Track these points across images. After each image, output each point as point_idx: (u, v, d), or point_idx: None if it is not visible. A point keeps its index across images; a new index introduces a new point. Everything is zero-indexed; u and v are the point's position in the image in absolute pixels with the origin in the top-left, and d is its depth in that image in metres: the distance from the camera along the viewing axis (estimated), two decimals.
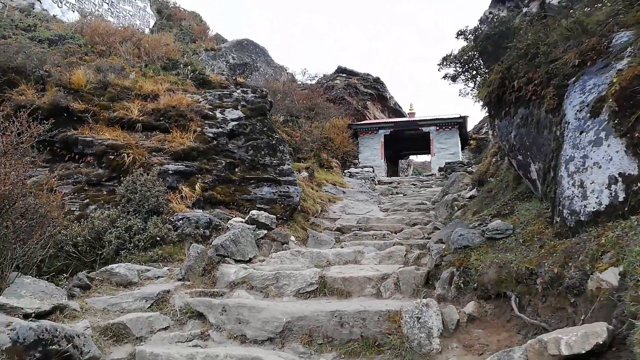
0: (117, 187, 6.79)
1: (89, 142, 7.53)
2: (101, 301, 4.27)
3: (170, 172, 7.42)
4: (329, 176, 14.70)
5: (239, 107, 9.67)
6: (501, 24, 5.76)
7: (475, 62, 6.31)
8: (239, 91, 10.44)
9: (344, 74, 27.74)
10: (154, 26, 24.29)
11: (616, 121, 3.33)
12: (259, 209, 7.37)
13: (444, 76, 6.79)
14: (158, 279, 5.14)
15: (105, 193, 6.99)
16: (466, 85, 6.75)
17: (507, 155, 5.67)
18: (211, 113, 9.18)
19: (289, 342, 3.62)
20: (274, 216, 7.14)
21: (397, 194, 14.59)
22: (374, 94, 27.34)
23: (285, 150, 9.31)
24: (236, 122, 9.10)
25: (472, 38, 6.27)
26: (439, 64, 6.74)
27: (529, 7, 6.74)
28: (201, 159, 7.99)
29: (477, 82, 6.48)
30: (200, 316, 4.16)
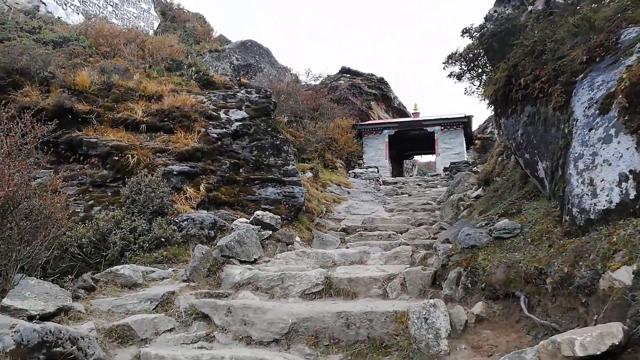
0: (121, 188, 6.78)
1: (93, 144, 7.53)
2: (106, 303, 4.25)
3: (175, 172, 7.41)
4: (334, 177, 14.65)
5: (243, 108, 9.65)
6: (507, 21, 5.71)
7: (481, 60, 6.26)
8: (242, 92, 10.42)
9: (348, 75, 27.70)
10: (158, 28, 24.38)
11: (626, 118, 3.28)
12: (264, 209, 7.33)
13: (449, 75, 6.74)
14: (163, 280, 5.11)
15: (109, 194, 6.98)
16: (472, 83, 6.69)
17: (514, 154, 5.61)
18: (215, 114, 9.16)
19: (294, 343, 3.59)
20: (279, 217, 7.11)
21: (402, 194, 14.52)
22: (378, 94, 27.28)
23: (290, 150, 9.28)
24: (240, 123, 9.08)
25: (478, 36, 6.21)
26: (444, 62, 6.69)
27: (534, 4, 6.69)
28: (205, 160, 7.98)
29: (483, 81, 6.42)
30: (206, 317, 4.13)
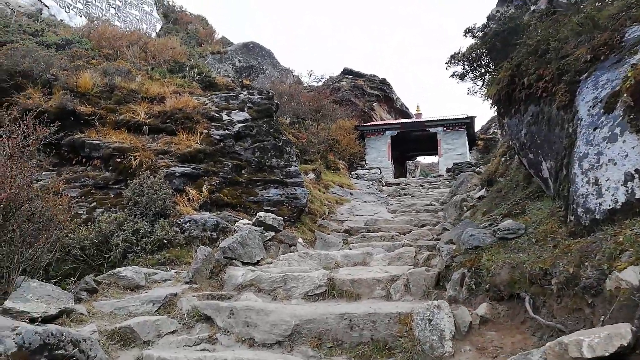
0: (124, 190, 6.78)
1: (95, 146, 7.54)
2: (108, 305, 4.24)
3: (177, 174, 7.40)
4: (336, 178, 14.63)
5: (245, 109, 9.64)
6: (510, 20, 5.68)
7: (484, 60, 6.22)
8: (245, 93, 10.41)
9: (350, 76, 27.69)
10: (160, 30, 24.45)
11: (632, 116, 3.25)
12: (266, 210, 7.32)
13: (452, 75, 6.71)
14: (165, 282, 5.10)
15: (112, 196, 6.98)
16: (475, 83, 6.65)
17: (517, 154, 5.58)
18: (217, 115, 9.16)
19: (297, 345, 3.56)
20: (281, 218, 7.09)
21: (405, 195, 14.48)
22: (380, 95, 27.26)
23: (292, 151, 9.26)
24: (242, 124, 9.07)
25: (481, 35, 6.18)
26: (447, 62, 6.66)
27: (536, 4, 6.65)
28: (208, 161, 7.97)
29: (486, 81, 6.38)
30: (208, 319, 4.11)
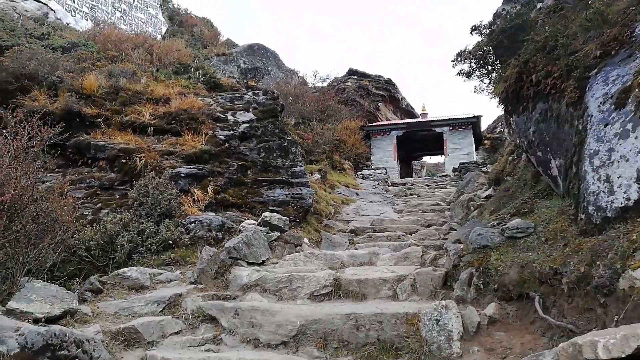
0: (129, 190, 6.78)
1: (101, 147, 7.54)
2: (113, 305, 4.22)
3: (182, 175, 7.39)
4: (342, 178, 14.58)
5: (250, 110, 9.62)
6: (517, 17, 5.60)
7: (491, 58, 6.14)
8: (250, 93, 10.39)
9: (355, 76, 27.64)
10: (165, 33, 24.52)
11: None
12: (272, 211, 7.29)
13: (458, 72, 6.63)
14: (170, 282, 5.08)
15: (117, 197, 6.98)
16: (481, 81, 6.57)
17: (526, 152, 5.50)
18: (222, 116, 9.14)
19: (303, 346, 3.52)
20: (287, 218, 7.06)
21: (411, 195, 14.39)
22: (385, 96, 27.17)
23: (297, 152, 9.22)
24: (248, 125, 9.05)
25: (487, 33, 6.10)
26: (453, 60, 6.57)
27: (543, 1, 6.57)
28: (213, 162, 7.95)
29: (493, 78, 6.31)
30: (213, 320, 4.08)
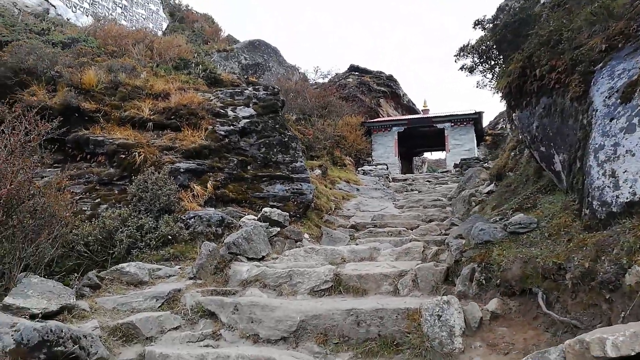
0: (128, 186, 6.73)
1: (100, 142, 7.49)
2: (111, 301, 4.17)
3: (182, 170, 7.34)
4: (343, 174, 14.54)
5: (251, 105, 9.56)
6: (521, 11, 5.53)
7: (494, 52, 6.07)
8: (250, 89, 10.33)
9: (356, 72, 27.56)
10: (166, 29, 24.44)
11: None
12: (272, 206, 7.24)
13: (461, 67, 6.56)
14: (169, 277, 5.04)
15: (116, 192, 6.94)
16: (484, 76, 6.51)
17: (529, 148, 5.45)
18: (223, 111, 9.08)
19: (303, 341, 3.48)
20: (287, 214, 7.02)
21: (412, 190, 14.35)
22: (387, 92, 27.08)
23: (298, 147, 9.17)
24: (248, 120, 8.99)
25: (491, 27, 6.03)
26: (456, 55, 6.50)
27: None
28: (213, 157, 7.90)
29: (496, 73, 6.24)
30: (212, 315, 4.04)
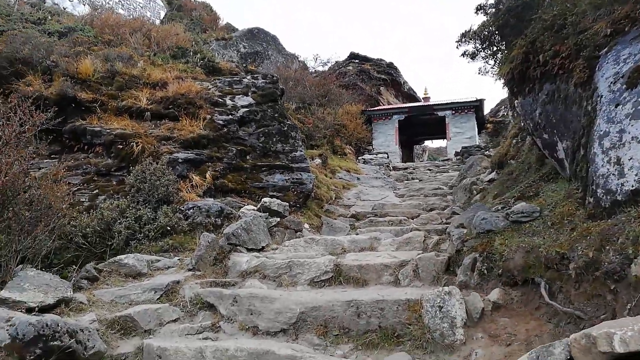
0: (126, 176, 6.66)
1: (97, 132, 7.41)
2: (109, 293, 4.13)
3: (180, 160, 7.26)
4: (343, 163, 14.46)
5: (249, 94, 9.45)
6: None
7: (496, 38, 5.96)
8: (249, 77, 10.21)
9: (356, 60, 27.33)
10: (164, 17, 24.13)
11: None
12: (272, 196, 7.19)
13: (462, 54, 6.45)
14: (168, 269, 5.00)
15: (114, 183, 6.87)
16: (486, 62, 6.39)
17: (532, 135, 5.37)
18: (221, 100, 8.98)
19: (303, 333, 3.45)
20: (287, 204, 6.96)
21: (413, 179, 14.29)
22: (387, 79, 26.89)
23: (298, 136, 9.08)
24: (247, 109, 8.89)
25: (493, 12, 5.91)
26: (458, 41, 6.38)
27: None
28: (211, 147, 7.82)
29: (498, 59, 6.13)
30: (211, 307, 4.00)
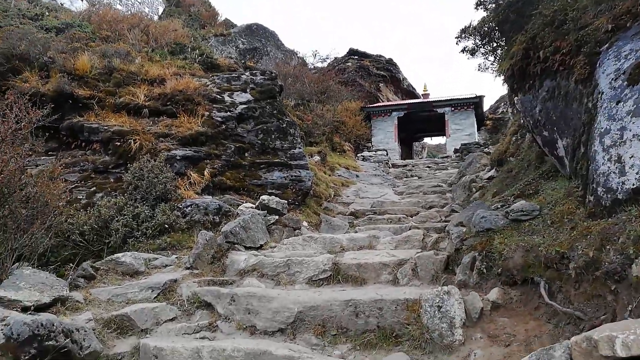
0: (124, 174, 6.63)
1: (94, 129, 7.35)
2: (106, 292, 4.10)
3: (178, 157, 7.22)
4: (342, 160, 14.43)
5: (248, 90, 9.40)
6: None
7: (496, 34, 5.92)
8: (247, 74, 10.15)
9: (355, 56, 27.23)
10: (162, 13, 24.02)
11: None
12: (270, 194, 7.16)
13: (462, 50, 6.41)
14: (166, 267, 4.97)
15: (112, 180, 6.83)
16: (486, 59, 6.35)
17: (531, 132, 5.33)
18: (219, 97, 8.93)
19: (300, 333, 3.42)
20: (286, 201, 6.93)
21: (412, 176, 14.26)
22: (386, 76, 26.78)
23: (296, 133, 9.04)
24: (245, 106, 8.84)
25: (493, 7, 5.86)
26: (457, 37, 6.33)
27: None
28: (210, 144, 7.78)
29: (498, 55, 6.09)
30: (209, 306, 3.97)
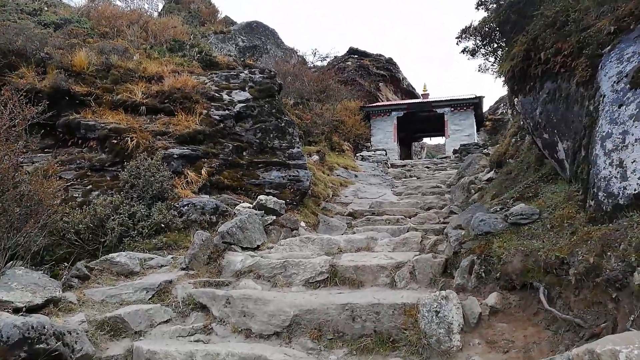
0: (120, 172, 6.57)
1: (91, 126, 7.28)
2: (100, 292, 4.05)
3: (175, 156, 7.16)
4: (341, 160, 14.38)
5: (247, 89, 9.33)
6: None
7: (497, 35, 5.87)
8: (246, 72, 10.08)
9: (355, 55, 27.14)
10: (162, 10, 23.87)
11: None
12: (268, 193, 7.11)
13: (462, 50, 6.36)
14: (161, 268, 4.91)
15: (108, 178, 6.77)
16: (486, 60, 6.30)
17: (531, 134, 5.29)
18: (217, 95, 8.86)
19: (296, 337, 3.38)
20: (283, 201, 6.88)
21: (411, 177, 14.22)
22: (386, 75, 26.71)
23: (295, 132, 8.99)
24: (243, 104, 8.78)
25: (494, 8, 5.82)
26: (458, 37, 6.28)
27: None
28: (207, 143, 7.71)
29: (499, 56, 6.05)
30: (204, 308, 3.92)
